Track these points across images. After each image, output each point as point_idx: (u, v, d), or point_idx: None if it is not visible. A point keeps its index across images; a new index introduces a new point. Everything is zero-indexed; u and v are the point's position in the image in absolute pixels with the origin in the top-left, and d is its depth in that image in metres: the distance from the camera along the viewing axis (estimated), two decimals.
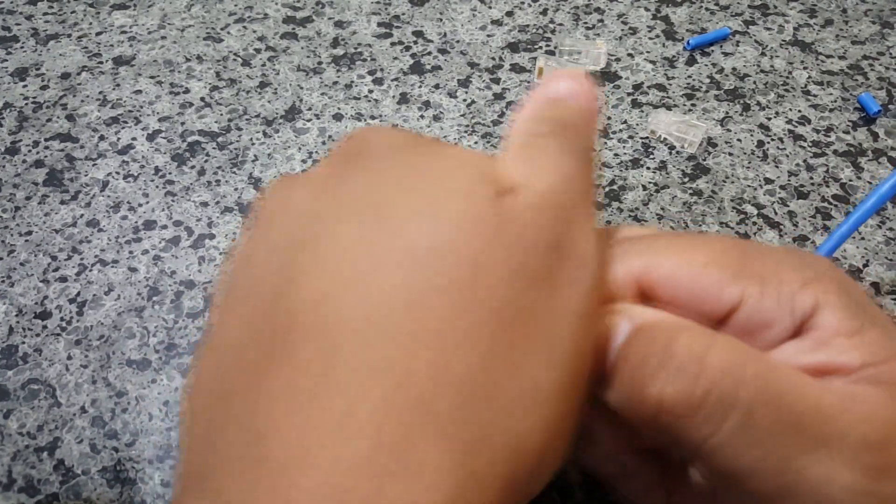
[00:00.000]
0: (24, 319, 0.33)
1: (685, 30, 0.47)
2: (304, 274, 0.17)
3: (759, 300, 0.18)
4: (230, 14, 0.48)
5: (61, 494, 0.28)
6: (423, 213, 0.17)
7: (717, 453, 0.16)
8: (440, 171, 0.18)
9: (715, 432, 0.16)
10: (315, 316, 0.16)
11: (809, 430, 0.16)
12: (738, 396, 0.16)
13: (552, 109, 0.20)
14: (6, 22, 0.47)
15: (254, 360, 0.16)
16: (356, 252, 0.16)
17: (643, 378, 0.17)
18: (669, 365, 0.17)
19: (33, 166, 0.39)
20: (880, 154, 0.40)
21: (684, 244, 0.20)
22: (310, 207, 0.18)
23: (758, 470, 0.16)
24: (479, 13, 0.48)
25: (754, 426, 0.16)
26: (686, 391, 0.16)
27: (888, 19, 0.48)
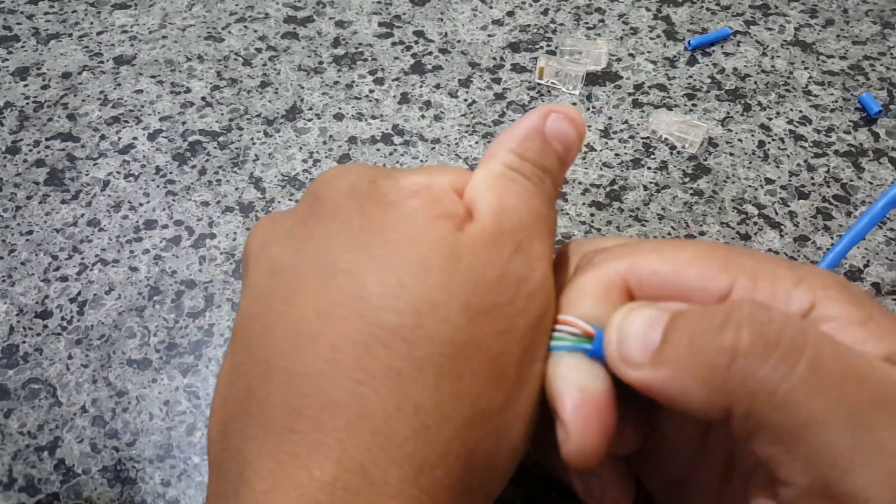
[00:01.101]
0: (24, 319, 0.33)
1: (686, 30, 0.47)
2: (276, 324, 0.19)
3: (751, 292, 0.18)
4: (231, 14, 0.48)
5: (62, 494, 0.28)
6: (375, 264, 0.18)
7: (790, 400, 0.16)
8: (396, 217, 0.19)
9: (790, 373, 0.16)
10: (286, 364, 0.18)
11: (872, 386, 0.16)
12: (808, 340, 0.16)
13: (540, 151, 0.21)
14: (7, 21, 0.47)
15: (241, 402, 0.19)
16: (318, 304, 0.18)
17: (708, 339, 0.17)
18: (740, 314, 0.17)
19: (34, 166, 0.39)
20: (881, 154, 0.40)
21: (670, 246, 0.20)
22: (280, 259, 0.20)
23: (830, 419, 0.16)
24: (480, 13, 0.48)
25: (825, 370, 0.16)
26: (762, 332, 0.17)
27: (889, 19, 0.48)
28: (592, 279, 0.20)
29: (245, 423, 0.19)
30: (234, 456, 0.19)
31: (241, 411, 0.19)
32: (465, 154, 0.39)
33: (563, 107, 0.22)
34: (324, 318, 0.18)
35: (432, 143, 0.40)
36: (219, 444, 0.20)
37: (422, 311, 0.18)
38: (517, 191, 0.20)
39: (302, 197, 0.22)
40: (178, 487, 0.28)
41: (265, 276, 0.20)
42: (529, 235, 0.19)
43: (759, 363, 0.16)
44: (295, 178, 0.38)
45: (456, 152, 0.40)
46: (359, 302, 0.18)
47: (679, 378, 0.17)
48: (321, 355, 0.18)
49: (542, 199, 0.21)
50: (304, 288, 0.19)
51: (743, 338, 0.17)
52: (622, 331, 0.19)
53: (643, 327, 0.18)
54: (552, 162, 0.21)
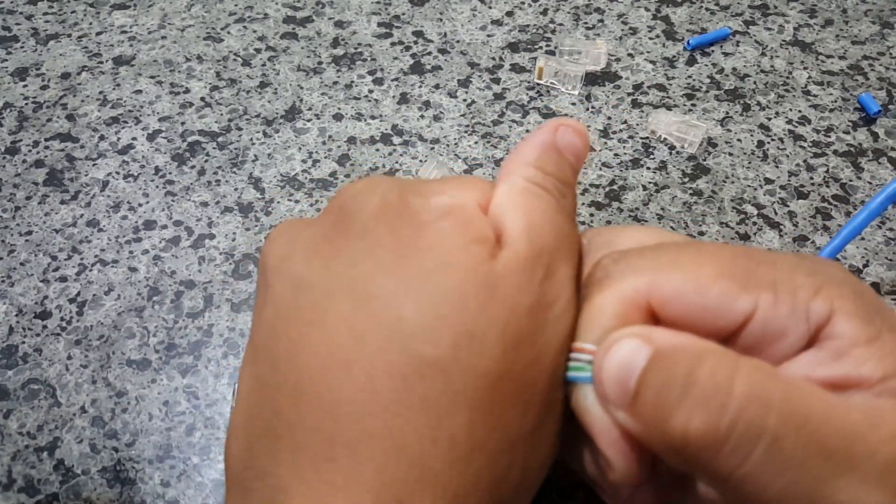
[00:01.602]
0: (24, 319, 0.33)
1: (685, 30, 0.47)
2: (304, 346, 0.19)
3: (773, 309, 0.18)
4: (230, 14, 0.48)
5: (61, 494, 0.28)
6: (411, 290, 0.18)
7: (745, 484, 0.16)
8: (429, 241, 0.19)
9: (743, 463, 0.16)
10: (317, 389, 0.18)
11: (837, 454, 0.16)
12: (766, 424, 0.16)
13: (557, 164, 0.21)
14: (6, 22, 0.47)
15: (269, 423, 0.19)
16: (350, 328, 0.18)
17: (666, 408, 0.17)
18: (693, 394, 0.16)
19: (33, 166, 0.39)
20: (880, 154, 0.40)
21: (690, 257, 0.19)
22: (305, 274, 0.20)
23: (787, 498, 0.16)
24: (480, 13, 0.48)
25: (782, 454, 0.16)
26: (712, 423, 0.16)
27: (888, 19, 0.48)
28: (610, 300, 0.19)
29: (273, 446, 0.18)
30: (262, 478, 0.18)
31: (268, 432, 0.19)
32: (465, 154, 0.39)
33: (570, 120, 0.22)
34: (358, 345, 0.18)
35: (431, 143, 0.40)
36: (242, 462, 0.19)
37: (459, 343, 0.18)
38: (542, 208, 0.20)
39: (326, 208, 0.22)
40: (178, 488, 0.28)
41: (289, 290, 0.20)
42: (556, 258, 0.19)
43: (709, 454, 0.16)
44: (294, 178, 0.38)
45: (455, 152, 0.40)
46: (395, 332, 0.18)
47: (647, 438, 0.17)
48: (356, 383, 0.18)
49: (564, 214, 0.20)
50: (335, 310, 0.19)
51: (693, 426, 0.16)
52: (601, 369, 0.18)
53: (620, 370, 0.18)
54: (569, 174, 0.22)
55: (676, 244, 0.20)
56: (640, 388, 0.17)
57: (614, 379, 0.18)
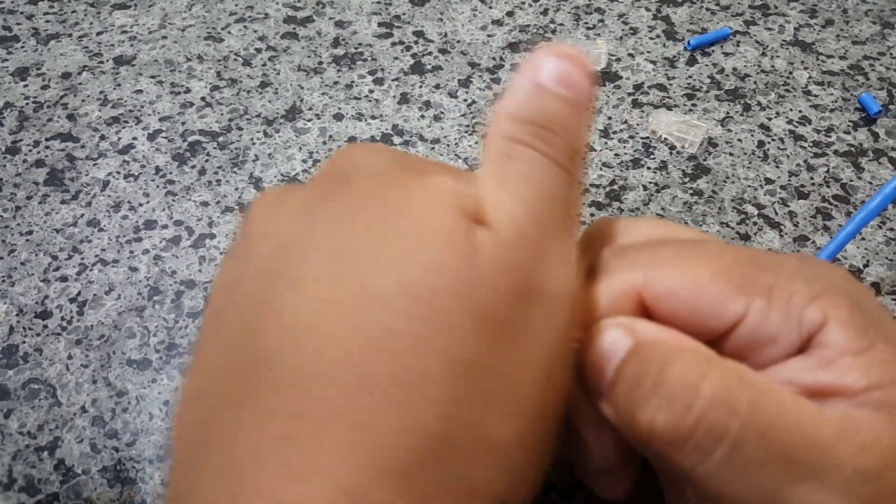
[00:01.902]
0: (24, 319, 0.33)
1: (686, 30, 0.47)
2: (278, 311, 0.17)
3: (765, 314, 0.18)
4: (231, 14, 0.48)
5: (61, 494, 0.28)
6: (390, 256, 0.17)
7: (704, 481, 0.16)
8: (415, 207, 0.17)
9: (703, 461, 0.16)
10: (286, 358, 0.16)
11: (801, 461, 0.16)
12: (728, 427, 0.16)
13: (536, 103, 0.19)
14: (7, 21, 0.47)
15: (232, 392, 0.17)
16: (322, 294, 0.16)
17: (636, 402, 0.17)
18: (661, 391, 0.17)
19: (34, 166, 0.39)
20: (881, 154, 0.40)
21: (690, 257, 0.19)
22: (288, 231, 0.18)
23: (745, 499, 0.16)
24: (480, 13, 0.48)
25: (743, 457, 0.16)
26: (676, 420, 0.16)
27: (889, 19, 0.48)
28: (606, 290, 0.19)
29: (232, 421, 0.16)
30: (214, 455, 0.16)
31: (228, 405, 0.17)
32: (465, 154, 0.39)
33: (555, 46, 0.19)
34: (334, 312, 0.16)
35: (432, 144, 0.40)
36: (193, 435, 0.17)
37: (432, 321, 0.16)
38: (522, 169, 0.18)
39: (321, 170, 0.20)
40: None
41: (270, 252, 0.18)
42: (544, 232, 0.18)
43: (671, 449, 0.16)
44: (294, 178, 0.38)
45: (455, 152, 0.40)
46: (370, 299, 0.16)
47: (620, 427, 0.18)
48: (329, 354, 0.16)
49: (551, 170, 0.18)
50: (313, 273, 0.17)
51: (658, 422, 0.16)
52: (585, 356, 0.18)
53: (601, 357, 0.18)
54: (558, 110, 0.19)
55: (679, 242, 0.20)
56: (616, 379, 0.18)
57: (595, 367, 0.18)
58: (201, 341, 0.19)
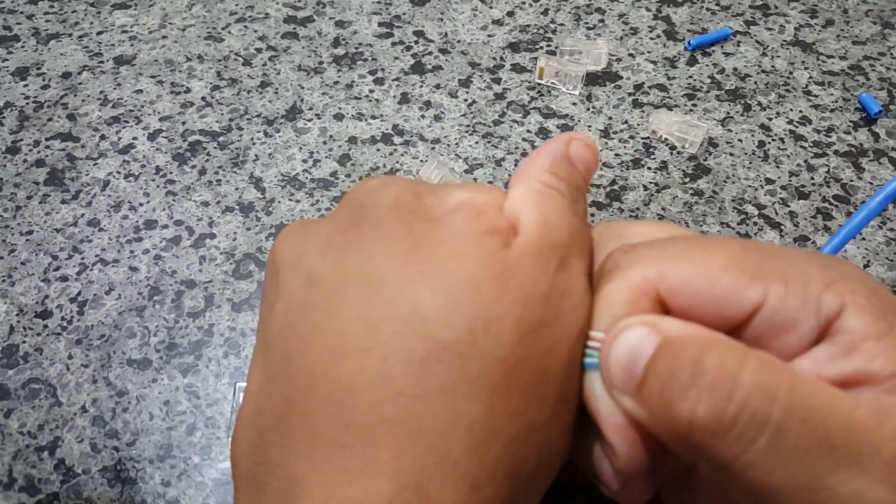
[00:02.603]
0: (24, 319, 0.33)
1: (686, 30, 0.47)
2: (318, 336, 0.19)
3: (783, 300, 0.18)
4: (231, 14, 0.48)
5: (62, 494, 0.28)
6: (426, 277, 0.18)
7: (747, 471, 0.16)
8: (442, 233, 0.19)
9: (746, 451, 0.16)
10: (331, 377, 0.18)
11: (841, 448, 0.16)
12: (771, 415, 0.16)
13: (570, 172, 0.22)
14: (7, 21, 0.47)
15: (281, 412, 0.19)
16: (364, 316, 0.18)
17: (673, 395, 0.17)
18: (700, 382, 0.17)
19: (34, 166, 0.39)
20: (881, 154, 0.40)
21: (700, 249, 0.19)
22: (319, 268, 0.20)
23: (789, 488, 0.16)
24: (480, 13, 0.48)
25: (786, 444, 0.16)
26: (718, 409, 0.16)
27: (889, 19, 0.48)
28: (620, 288, 0.19)
29: (285, 437, 0.18)
30: (274, 471, 0.18)
31: (279, 425, 0.19)
32: (465, 154, 0.39)
33: (581, 135, 0.23)
34: (373, 332, 0.18)
35: (432, 143, 0.40)
36: (252, 458, 0.19)
37: (475, 327, 0.18)
38: (556, 207, 0.20)
39: (339, 205, 0.22)
40: (178, 487, 0.28)
41: (302, 285, 0.20)
42: (570, 252, 0.20)
43: (714, 440, 0.16)
44: (295, 178, 0.38)
45: (456, 152, 0.40)
46: (410, 317, 0.18)
47: (652, 424, 0.18)
48: (371, 369, 0.18)
49: (577, 216, 0.21)
50: (348, 300, 0.19)
51: (699, 412, 0.16)
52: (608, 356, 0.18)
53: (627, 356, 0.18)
54: (580, 182, 0.22)
55: (687, 237, 0.20)
56: (646, 375, 0.18)
57: (621, 365, 0.18)
58: (249, 377, 0.21)
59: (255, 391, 0.20)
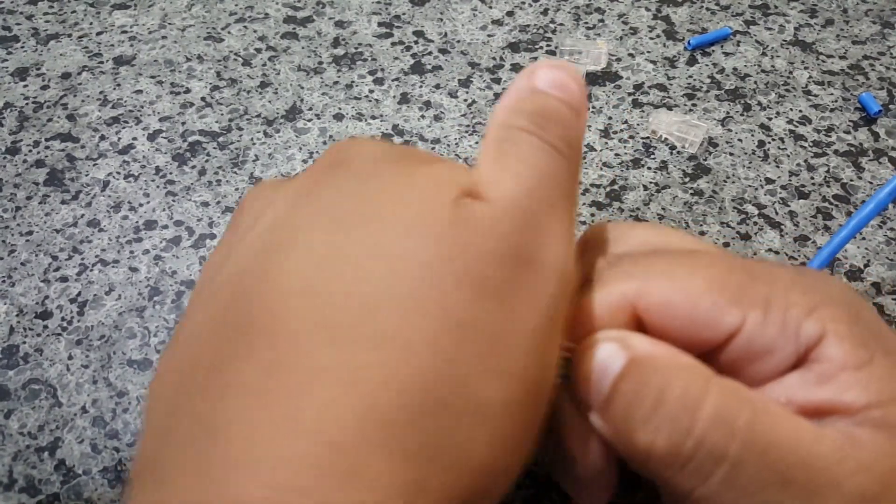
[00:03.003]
0: (24, 319, 0.33)
1: (686, 30, 0.47)
2: (270, 276, 0.17)
3: (762, 326, 0.18)
4: (231, 14, 0.48)
5: (62, 495, 0.28)
6: (384, 224, 0.17)
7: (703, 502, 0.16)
8: (410, 180, 0.18)
9: (702, 484, 0.16)
10: (274, 316, 0.16)
11: (799, 483, 0.16)
12: (728, 449, 0.16)
13: (533, 100, 0.19)
14: (6, 22, 0.47)
15: (214, 354, 0.16)
16: (320, 258, 0.17)
17: (634, 421, 0.17)
18: (661, 412, 0.17)
19: (34, 166, 0.39)
20: (881, 154, 0.40)
21: (684, 267, 0.19)
22: (287, 212, 0.18)
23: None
24: (480, 13, 0.48)
25: (742, 479, 0.16)
26: (676, 443, 0.16)
27: (889, 19, 0.48)
28: (598, 301, 0.19)
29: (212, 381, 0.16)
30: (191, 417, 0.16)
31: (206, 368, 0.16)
32: (465, 154, 0.39)
33: (549, 60, 0.20)
34: (323, 273, 0.16)
35: (432, 144, 0.40)
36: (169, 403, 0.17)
37: (422, 277, 0.16)
38: (519, 151, 0.18)
39: (318, 158, 0.20)
40: None
41: (263, 229, 0.18)
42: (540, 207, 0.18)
43: (670, 471, 0.16)
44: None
45: (456, 152, 0.40)
46: (358, 260, 0.16)
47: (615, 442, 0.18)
48: (314, 314, 0.16)
49: (549, 152, 0.19)
50: (312, 235, 0.17)
51: (657, 444, 0.16)
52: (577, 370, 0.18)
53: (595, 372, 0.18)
54: (556, 106, 0.19)
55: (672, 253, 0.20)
56: (612, 394, 0.17)
57: (589, 381, 0.18)
58: (184, 316, 0.19)
59: (186, 335, 0.18)
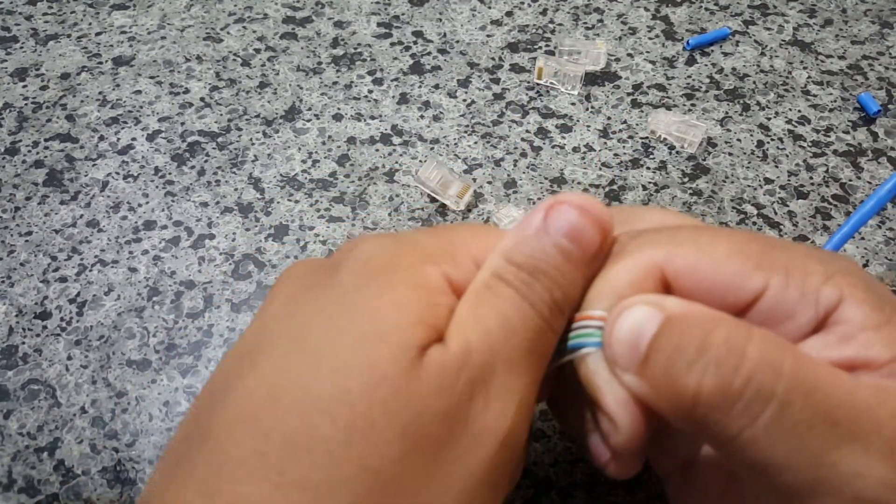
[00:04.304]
0: (24, 320, 0.33)
1: (685, 30, 0.47)
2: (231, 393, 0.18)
3: (783, 290, 0.18)
4: (230, 14, 0.48)
5: (61, 495, 0.28)
6: (338, 358, 0.17)
7: (750, 446, 0.16)
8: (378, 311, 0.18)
9: (750, 424, 0.16)
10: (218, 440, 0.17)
11: (843, 424, 0.16)
12: (776, 389, 0.16)
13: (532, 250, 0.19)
14: (6, 22, 0.47)
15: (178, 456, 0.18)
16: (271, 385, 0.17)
17: (678, 370, 0.17)
18: (707, 356, 0.17)
19: (33, 166, 0.39)
20: (880, 154, 0.40)
21: (706, 236, 0.19)
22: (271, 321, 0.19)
23: (791, 463, 0.16)
24: (479, 13, 0.48)
25: (789, 419, 0.16)
26: (725, 382, 0.16)
27: (888, 19, 0.48)
28: (626, 268, 0.19)
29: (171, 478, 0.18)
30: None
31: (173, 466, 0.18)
32: (464, 154, 0.39)
33: (573, 194, 0.19)
34: (270, 403, 0.17)
35: (431, 144, 0.40)
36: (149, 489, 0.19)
37: (356, 427, 0.16)
38: (496, 304, 0.18)
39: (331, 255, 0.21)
40: None
41: (252, 335, 0.19)
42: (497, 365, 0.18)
43: (718, 414, 0.16)
44: (294, 178, 0.38)
45: (455, 152, 0.40)
46: (305, 396, 0.17)
47: (655, 399, 0.18)
48: (252, 442, 0.17)
49: (524, 311, 0.18)
50: (271, 357, 0.18)
51: (705, 385, 0.16)
52: (612, 333, 0.18)
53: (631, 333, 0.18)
54: (550, 262, 0.19)
55: (693, 226, 0.20)
56: (650, 351, 0.17)
57: (625, 342, 0.18)
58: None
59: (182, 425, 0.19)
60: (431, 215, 0.37)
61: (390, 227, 0.36)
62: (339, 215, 0.37)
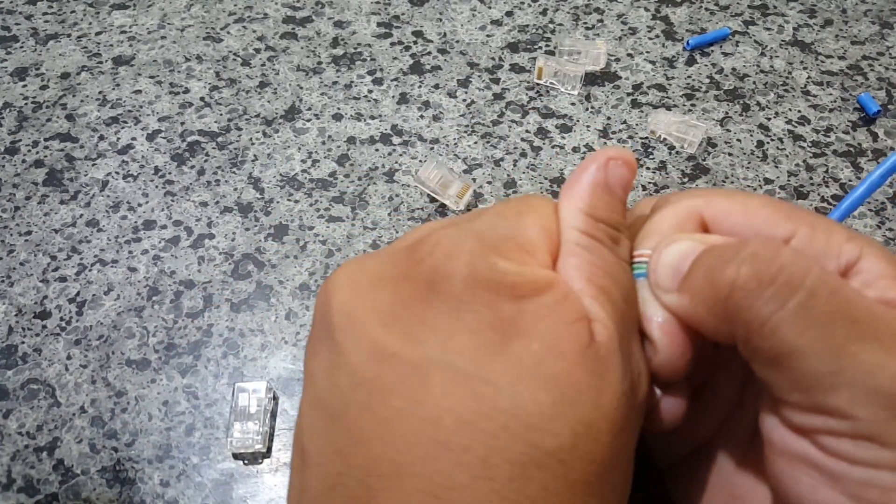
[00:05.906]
0: (23, 319, 0.33)
1: (685, 30, 0.47)
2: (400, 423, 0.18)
3: (810, 240, 0.20)
4: (230, 14, 0.48)
5: (61, 494, 0.28)
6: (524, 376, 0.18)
7: (777, 332, 0.18)
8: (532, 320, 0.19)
9: (779, 309, 0.18)
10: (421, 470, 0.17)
11: (864, 323, 0.17)
12: (804, 280, 0.18)
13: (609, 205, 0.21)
14: (6, 22, 0.47)
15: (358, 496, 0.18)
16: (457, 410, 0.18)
17: (718, 269, 0.18)
18: (744, 252, 0.18)
19: (33, 166, 0.39)
20: (880, 154, 0.40)
21: (740, 193, 0.21)
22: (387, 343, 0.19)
23: (815, 350, 0.17)
24: (479, 13, 0.48)
25: (815, 308, 0.17)
26: (760, 269, 0.18)
27: (888, 19, 0.48)
28: (670, 213, 0.21)
29: None
30: None
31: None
32: (464, 154, 0.39)
33: (618, 150, 0.22)
34: (467, 430, 0.17)
35: (431, 143, 0.40)
36: None
37: (577, 431, 0.18)
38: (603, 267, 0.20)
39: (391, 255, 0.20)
40: (177, 488, 0.28)
41: (369, 359, 0.19)
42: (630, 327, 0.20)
43: (752, 298, 0.18)
44: (294, 178, 0.38)
45: (455, 152, 0.40)
46: (512, 420, 0.17)
47: (694, 306, 0.19)
48: (469, 469, 0.17)
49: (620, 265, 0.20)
50: (432, 388, 0.18)
51: (742, 273, 0.18)
52: (658, 260, 0.20)
53: (676, 258, 0.20)
54: (620, 214, 0.21)
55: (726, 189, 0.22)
56: (692, 268, 0.19)
57: (669, 266, 0.20)
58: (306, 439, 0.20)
59: (321, 462, 0.19)
60: (431, 215, 0.37)
61: (390, 227, 0.36)
62: (338, 215, 0.37)
